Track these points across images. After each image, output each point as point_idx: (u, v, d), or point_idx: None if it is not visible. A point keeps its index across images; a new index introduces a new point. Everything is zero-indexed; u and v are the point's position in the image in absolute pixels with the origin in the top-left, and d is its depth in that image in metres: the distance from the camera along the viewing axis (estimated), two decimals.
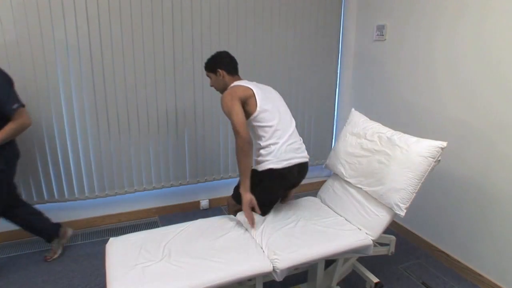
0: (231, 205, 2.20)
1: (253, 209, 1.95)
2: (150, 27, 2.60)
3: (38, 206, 2.64)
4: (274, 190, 2.06)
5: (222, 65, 2.13)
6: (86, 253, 2.53)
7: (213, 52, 2.79)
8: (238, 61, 2.90)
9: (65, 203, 2.73)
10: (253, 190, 1.96)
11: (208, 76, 2.19)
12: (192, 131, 2.91)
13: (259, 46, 2.96)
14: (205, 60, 2.20)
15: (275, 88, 3.08)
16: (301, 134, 3.28)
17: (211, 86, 2.19)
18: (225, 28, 2.82)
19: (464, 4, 2.17)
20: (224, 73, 2.13)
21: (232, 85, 2.08)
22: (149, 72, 2.67)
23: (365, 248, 1.83)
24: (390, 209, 1.87)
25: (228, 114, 1.96)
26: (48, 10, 2.33)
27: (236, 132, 1.92)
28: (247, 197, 1.90)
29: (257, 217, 1.97)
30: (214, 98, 2.91)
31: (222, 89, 2.15)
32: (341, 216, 2.04)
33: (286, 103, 3.16)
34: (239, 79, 2.16)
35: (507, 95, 1.98)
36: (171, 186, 2.97)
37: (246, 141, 1.90)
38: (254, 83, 2.10)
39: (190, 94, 2.83)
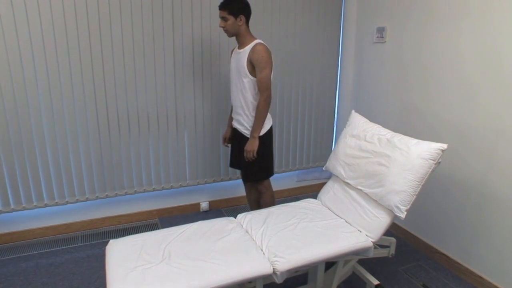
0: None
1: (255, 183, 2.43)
2: (150, 26, 2.61)
3: (39, 210, 2.65)
4: (271, 150, 2.37)
5: (246, 12, 2.15)
6: (86, 255, 2.52)
7: (213, 52, 2.83)
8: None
9: (65, 206, 2.72)
10: (258, 155, 2.26)
11: (223, 16, 2.13)
12: (192, 133, 2.91)
13: None
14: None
15: (276, 89, 3.13)
16: (301, 136, 3.33)
17: (222, 27, 2.16)
18: None
19: (465, 6, 2.18)
20: (244, 21, 2.15)
21: (260, 41, 2.18)
22: (149, 73, 2.68)
23: (365, 250, 1.83)
24: (390, 211, 1.87)
25: (263, 67, 2.12)
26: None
27: (266, 87, 2.14)
28: (257, 141, 2.24)
29: (257, 218, 1.97)
30: (214, 99, 2.91)
31: (234, 34, 2.19)
32: (341, 218, 2.04)
33: (286, 105, 3.20)
34: (250, 31, 2.25)
35: (509, 98, 1.99)
36: (171, 188, 2.97)
37: (271, 97, 2.19)
38: None
39: (190, 95, 2.83)
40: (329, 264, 1.99)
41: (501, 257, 2.10)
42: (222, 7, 2.12)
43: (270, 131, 2.35)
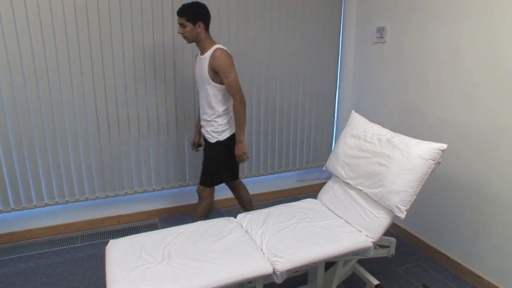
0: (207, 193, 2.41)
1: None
2: (150, 26, 2.60)
3: (39, 210, 2.65)
4: (231, 158, 2.34)
5: (205, 18, 2.12)
6: (86, 255, 2.52)
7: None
8: (239, 61, 2.94)
9: (65, 206, 2.73)
10: (210, 160, 2.32)
11: (181, 23, 2.10)
12: (192, 132, 2.91)
13: (259, 49, 2.96)
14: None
15: (276, 89, 3.13)
16: (301, 136, 3.33)
17: (180, 33, 2.14)
18: (225, 29, 2.82)
19: (465, 6, 2.18)
20: (203, 27, 2.13)
21: (221, 47, 2.15)
22: (149, 72, 2.68)
23: (365, 250, 1.83)
24: (390, 211, 1.87)
25: (227, 71, 2.11)
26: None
27: (236, 90, 2.14)
28: (244, 144, 2.26)
29: (257, 218, 1.97)
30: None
31: (193, 40, 2.17)
32: (341, 218, 2.04)
33: (286, 105, 3.20)
34: (211, 37, 2.22)
35: (509, 98, 1.98)
36: (171, 188, 2.97)
37: (244, 97, 2.18)
38: None
39: (190, 95, 2.83)
40: (329, 264, 2.00)
41: (501, 257, 2.10)
42: (179, 13, 2.09)
43: (233, 137, 2.30)
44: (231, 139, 2.30)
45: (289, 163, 3.35)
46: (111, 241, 1.78)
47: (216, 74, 2.15)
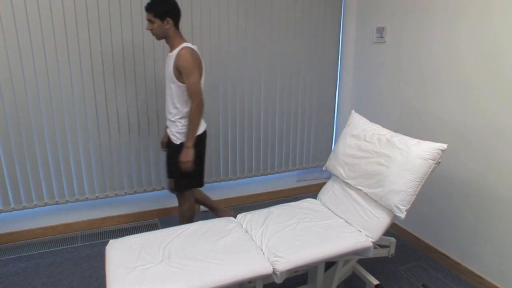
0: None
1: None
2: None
3: (39, 210, 2.66)
4: (204, 155, 2.28)
5: (173, 14, 2.04)
6: (86, 255, 2.52)
7: (213, 53, 2.83)
8: (239, 62, 2.94)
9: (66, 205, 2.73)
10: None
11: (149, 19, 2.03)
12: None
13: (259, 49, 2.96)
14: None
15: (276, 89, 3.13)
16: (301, 135, 3.33)
17: (149, 29, 2.07)
18: (225, 29, 2.82)
19: (464, 6, 2.18)
20: (172, 23, 2.06)
21: (188, 45, 2.06)
22: (148, 72, 2.68)
23: (365, 250, 1.83)
24: (390, 211, 1.87)
25: (189, 72, 2.02)
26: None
27: (195, 93, 2.06)
28: (192, 151, 2.14)
29: (257, 218, 1.97)
30: (214, 99, 2.91)
31: (162, 37, 2.10)
32: (341, 218, 2.04)
33: (286, 105, 3.20)
34: (181, 34, 2.14)
35: (508, 98, 1.99)
36: None
37: (203, 102, 2.11)
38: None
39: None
40: (329, 264, 2.00)
41: (500, 257, 2.10)
42: (147, 9, 2.02)
43: (200, 138, 2.21)
44: (198, 140, 2.20)
45: (289, 163, 3.35)
46: (111, 241, 1.78)
47: (180, 73, 2.07)
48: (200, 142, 2.23)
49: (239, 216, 2.05)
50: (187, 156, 2.13)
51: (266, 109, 3.12)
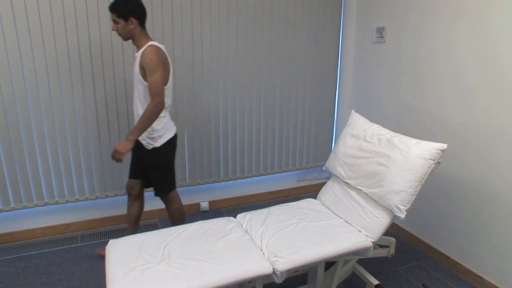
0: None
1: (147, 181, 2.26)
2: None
3: (39, 210, 2.66)
4: (174, 160, 2.23)
5: (137, 14, 1.99)
6: (86, 255, 2.52)
7: (213, 54, 2.83)
8: (239, 62, 2.94)
9: (65, 205, 2.73)
10: (158, 169, 2.16)
11: (113, 19, 1.99)
12: (192, 132, 2.91)
13: (259, 49, 2.96)
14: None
15: (275, 89, 3.13)
16: (301, 135, 3.33)
17: (114, 30, 2.02)
18: (225, 29, 2.82)
19: (464, 6, 2.18)
20: (137, 23, 2.00)
21: (154, 43, 2.01)
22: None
23: (365, 250, 1.83)
24: (390, 211, 1.87)
25: (152, 70, 1.95)
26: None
27: (156, 92, 1.96)
28: (131, 145, 1.99)
29: (257, 218, 1.97)
30: (214, 98, 2.91)
31: (128, 37, 2.05)
32: (341, 218, 2.04)
33: (286, 105, 3.20)
34: (147, 33, 2.08)
35: (507, 98, 1.99)
36: None
37: (163, 103, 1.99)
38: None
39: (190, 94, 2.83)
40: (329, 264, 2.00)
41: (500, 257, 2.10)
42: (110, 9, 1.98)
43: (171, 142, 2.16)
44: (169, 145, 2.15)
45: (289, 163, 3.35)
46: (111, 241, 1.78)
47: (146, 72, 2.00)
48: (170, 147, 2.17)
49: (239, 216, 2.05)
50: (123, 148, 1.98)
51: (266, 109, 3.12)
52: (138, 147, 2.20)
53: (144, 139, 2.13)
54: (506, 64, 1.98)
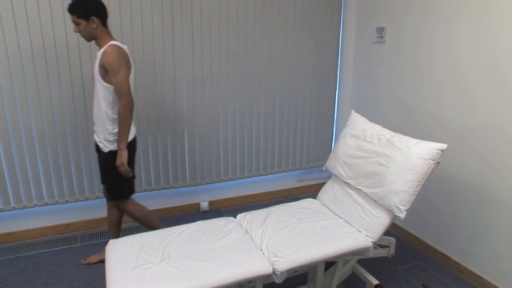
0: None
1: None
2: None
3: (39, 210, 2.66)
4: (134, 162, 2.17)
5: (97, 12, 1.93)
6: (86, 255, 2.52)
7: (213, 54, 2.83)
8: (239, 62, 2.94)
9: (65, 205, 2.73)
10: (113, 173, 2.07)
11: (74, 21, 1.93)
12: (192, 132, 2.91)
13: (259, 49, 2.97)
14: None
15: (276, 89, 3.13)
16: (301, 135, 3.33)
17: (76, 32, 1.97)
18: (225, 29, 2.82)
19: (464, 6, 2.18)
20: (99, 22, 1.94)
21: (115, 43, 1.96)
22: (148, 71, 2.68)
23: (365, 250, 1.83)
24: (390, 211, 1.87)
25: (115, 70, 1.91)
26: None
27: (123, 93, 1.94)
28: (126, 154, 2.02)
29: (257, 218, 1.97)
30: (215, 98, 2.91)
31: (91, 38, 1.99)
32: (341, 218, 2.04)
33: (286, 105, 3.20)
34: (109, 32, 2.03)
35: (507, 99, 1.99)
36: (171, 188, 2.97)
37: (131, 103, 1.98)
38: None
39: (190, 94, 2.83)
40: (329, 264, 2.00)
41: (500, 257, 2.11)
42: (70, 11, 1.92)
43: (131, 143, 2.09)
44: (127, 148, 2.06)
45: (289, 163, 3.35)
46: (111, 241, 1.78)
47: (106, 72, 1.94)
48: (129, 150, 2.07)
49: (239, 216, 2.05)
50: (120, 159, 2.00)
51: (266, 109, 3.12)
52: (98, 152, 2.15)
53: (101, 141, 2.08)
54: (505, 64, 1.98)
